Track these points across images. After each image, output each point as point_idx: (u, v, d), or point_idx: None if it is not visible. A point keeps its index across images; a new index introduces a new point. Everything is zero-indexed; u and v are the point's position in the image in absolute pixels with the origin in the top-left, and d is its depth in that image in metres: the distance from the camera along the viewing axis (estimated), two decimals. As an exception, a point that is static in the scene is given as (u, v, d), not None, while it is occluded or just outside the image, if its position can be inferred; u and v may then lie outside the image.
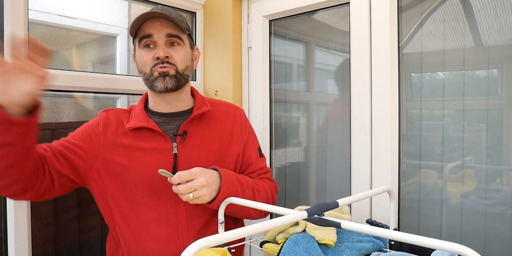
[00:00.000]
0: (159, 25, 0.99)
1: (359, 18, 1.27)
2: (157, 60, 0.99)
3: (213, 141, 1.06)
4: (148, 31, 0.99)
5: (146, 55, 1.00)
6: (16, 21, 1.12)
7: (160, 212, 0.99)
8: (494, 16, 1.07)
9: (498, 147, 1.08)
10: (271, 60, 1.60)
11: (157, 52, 0.99)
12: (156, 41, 1.00)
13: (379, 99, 1.22)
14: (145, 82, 1.04)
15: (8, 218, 1.12)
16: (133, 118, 1.04)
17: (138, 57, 1.03)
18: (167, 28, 1.00)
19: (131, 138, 1.01)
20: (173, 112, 1.07)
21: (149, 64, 1.00)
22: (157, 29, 0.99)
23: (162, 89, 1.00)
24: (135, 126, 1.01)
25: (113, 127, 1.03)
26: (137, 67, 1.07)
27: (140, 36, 1.00)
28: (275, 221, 0.61)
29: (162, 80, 0.99)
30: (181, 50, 1.02)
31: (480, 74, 1.11)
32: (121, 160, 0.99)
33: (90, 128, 1.03)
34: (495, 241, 1.07)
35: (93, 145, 1.00)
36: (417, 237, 0.57)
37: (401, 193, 1.23)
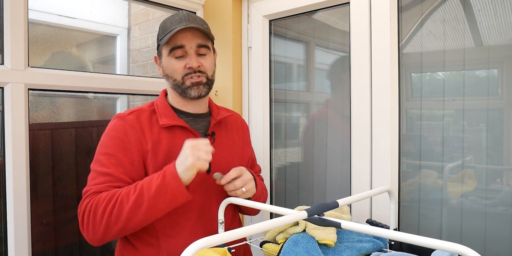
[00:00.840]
0: (190, 35, 1.03)
1: (359, 18, 1.27)
2: (189, 69, 1.04)
3: (233, 143, 1.17)
4: (180, 42, 1.03)
5: (178, 64, 1.05)
6: (16, 21, 1.12)
7: (198, 208, 1.04)
8: (494, 16, 1.07)
9: (498, 147, 1.08)
10: (271, 60, 1.60)
11: (190, 62, 1.04)
12: (188, 51, 1.04)
13: (379, 99, 1.22)
14: (175, 88, 1.08)
15: (8, 218, 1.12)
16: (162, 115, 1.06)
17: (168, 64, 1.06)
18: (197, 39, 1.05)
19: (168, 136, 1.04)
20: (198, 113, 1.12)
21: (180, 72, 1.05)
22: (188, 40, 1.03)
23: (196, 97, 1.07)
24: (170, 124, 1.04)
25: (148, 126, 1.04)
26: (161, 71, 1.11)
27: (172, 46, 1.03)
28: (275, 221, 0.61)
29: (196, 89, 1.06)
30: (209, 58, 1.09)
31: (480, 74, 1.11)
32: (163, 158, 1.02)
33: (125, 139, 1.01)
34: (495, 241, 1.07)
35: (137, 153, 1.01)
36: (417, 237, 0.57)
37: (401, 193, 1.23)
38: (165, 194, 0.90)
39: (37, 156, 1.25)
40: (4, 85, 1.11)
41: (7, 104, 1.12)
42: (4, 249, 1.13)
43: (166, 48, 1.05)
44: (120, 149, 1.00)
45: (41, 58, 1.33)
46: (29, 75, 1.15)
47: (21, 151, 1.13)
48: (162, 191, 0.90)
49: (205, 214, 1.05)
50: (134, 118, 1.04)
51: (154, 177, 0.93)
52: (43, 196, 1.26)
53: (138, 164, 1.00)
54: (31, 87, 1.17)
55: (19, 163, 1.13)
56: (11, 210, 1.11)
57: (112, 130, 1.03)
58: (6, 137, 1.12)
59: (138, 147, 1.00)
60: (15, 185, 1.12)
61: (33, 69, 1.17)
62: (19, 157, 1.13)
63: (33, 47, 1.27)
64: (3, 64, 1.12)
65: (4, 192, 1.12)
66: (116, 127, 1.03)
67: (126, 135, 1.01)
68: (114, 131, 1.02)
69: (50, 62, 1.35)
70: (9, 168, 1.11)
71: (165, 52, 1.06)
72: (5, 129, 1.12)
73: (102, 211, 0.91)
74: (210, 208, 1.06)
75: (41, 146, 1.27)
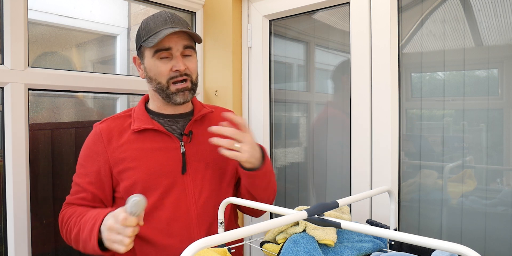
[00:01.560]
0: (176, 37, 1.02)
1: (359, 18, 1.27)
2: (176, 72, 1.02)
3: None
4: (167, 44, 1.01)
5: (163, 66, 1.02)
6: (16, 21, 1.12)
7: (171, 210, 1.02)
8: (494, 16, 1.07)
9: (498, 147, 1.08)
10: (271, 60, 1.60)
11: (177, 65, 1.02)
12: (174, 53, 1.02)
13: (379, 99, 1.22)
14: (159, 92, 1.05)
15: (8, 218, 1.12)
16: (136, 120, 1.06)
17: (153, 66, 1.04)
18: (183, 40, 1.03)
19: (138, 140, 1.04)
20: (176, 114, 1.11)
21: (165, 75, 1.03)
22: (174, 42, 1.01)
23: (181, 103, 1.05)
24: (140, 128, 1.03)
25: (117, 134, 1.05)
26: (142, 73, 1.09)
27: (158, 48, 1.01)
28: (275, 221, 0.61)
29: (182, 95, 1.04)
30: (193, 59, 1.07)
31: (480, 74, 1.11)
32: (132, 162, 1.02)
33: (93, 149, 1.05)
34: (495, 241, 1.07)
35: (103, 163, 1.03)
36: (417, 237, 0.57)
37: (401, 193, 1.23)
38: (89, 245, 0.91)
39: (37, 156, 1.25)
40: (4, 85, 1.11)
41: (7, 104, 1.12)
42: (4, 249, 1.13)
43: (150, 49, 1.03)
44: (88, 158, 1.04)
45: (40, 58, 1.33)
46: (29, 75, 1.15)
47: (21, 151, 1.13)
48: (87, 242, 0.91)
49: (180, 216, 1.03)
50: (105, 126, 1.05)
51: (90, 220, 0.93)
52: (43, 197, 1.26)
53: (104, 173, 1.02)
54: (31, 87, 1.17)
55: (19, 163, 1.13)
56: (11, 210, 1.11)
57: (87, 139, 1.08)
58: (6, 137, 1.12)
59: (104, 156, 1.02)
60: (15, 185, 1.12)
61: (33, 69, 1.17)
62: (19, 157, 1.13)
63: (33, 47, 1.27)
64: (3, 64, 1.12)
65: (4, 192, 1.12)
66: (89, 137, 1.07)
67: (94, 144, 1.04)
68: (87, 140, 1.07)
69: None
70: (9, 168, 1.11)
71: (149, 54, 1.03)
72: (5, 129, 1.12)
73: (62, 230, 1.02)
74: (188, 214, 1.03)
75: (41, 146, 1.27)
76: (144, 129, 1.04)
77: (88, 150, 1.05)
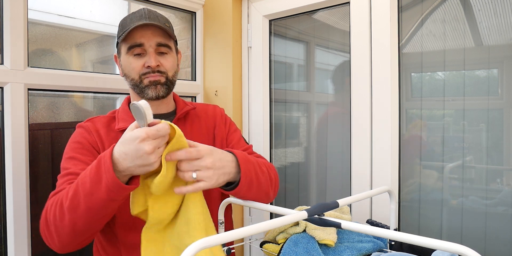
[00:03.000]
0: (150, 34, 1.00)
1: (359, 18, 1.27)
2: (148, 68, 1.01)
3: (200, 136, 1.10)
4: (139, 40, 0.99)
5: (136, 62, 1.01)
6: (15, 21, 1.12)
7: None
8: (494, 15, 1.06)
9: (498, 147, 1.08)
10: (271, 60, 1.60)
11: (149, 61, 1.00)
12: (147, 49, 1.00)
13: (379, 99, 1.22)
14: (133, 88, 1.04)
15: (8, 218, 1.12)
16: (120, 120, 1.05)
17: (126, 62, 1.02)
18: (157, 37, 1.01)
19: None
20: (158, 114, 1.08)
21: (138, 71, 1.01)
22: (147, 38, 0.99)
23: (154, 97, 1.02)
24: (124, 127, 1.00)
25: (104, 133, 1.03)
26: (120, 71, 1.07)
27: (130, 44, 1.00)
28: (275, 221, 0.61)
29: (154, 89, 1.02)
30: (169, 57, 1.05)
31: (480, 74, 1.11)
32: None
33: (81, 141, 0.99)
34: (496, 241, 1.07)
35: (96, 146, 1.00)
36: (417, 237, 0.56)
37: (402, 193, 1.23)
38: (99, 189, 0.74)
39: (36, 156, 1.25)
40: (3, 85, 1.11)
41: (6, 104, 1.12)
42: (4, 249, 1.12)
43: (124, 46, 1.01)
44: (79, 151, 0.98)
45: (39, 58, 1.33)
46: (28, 75, 1.15)
47: (20, 151, 1.13)
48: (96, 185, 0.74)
49: None
50: (91, 124, 1.03)
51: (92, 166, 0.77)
52: (43, 197, 1.26)
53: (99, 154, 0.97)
54: (31, 87, 1.17)
55: (19, 163, 1.13)
56: (11, 210, 1.11)
57: (72, 138, 1.03)
58: (5, 137, 1.12)
59: (96, 149, 0.99)
60: (14, 185, 1.11)
61: (32, 69, 1.17)
62: (19, 157, 1.13)
63: (33, 47, 1.27)
64: (2, 64, 1.12)
65: (4, 192, 1.12)
66: (75, 135, 1.03)
67: (84, 138, 1.00)
68: (73, 138, 1.02)
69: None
70: (8, 168, 1.11)
71: (124, 50, 1.02)
72: (4, 129, 1.12)
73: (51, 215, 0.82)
74: None
75: (41, 146, 1.27)
76: None
77: (77, 144, 0.99)
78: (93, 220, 0.79)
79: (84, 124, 1.04)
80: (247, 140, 1.64)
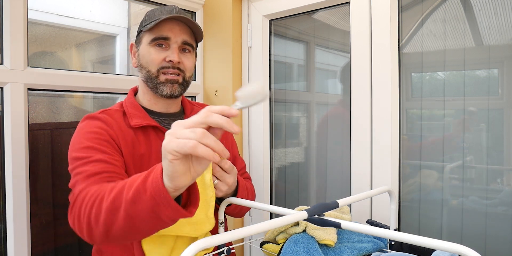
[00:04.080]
0: (178, 30, 0.98)
1: (359, 18, 1.27)
2: (168, 63, 0.98)
3: None
4: (166, 34, 0.97)
5: (156, 54, 0.97)
6: (15, 21, 1.12)
7: None
8: (495, 15, 1.06)
9: (498, 147, 1.08)
10: (271, 60, 1.59)
11: (171, 56, 0.97)
12: (171, 44, 0.98)
13: (379, 99, 1.22)
14: (147, 81, 1.00)
15: (8, 218, 1.11)
16: (133, 116, 0.98)
17: (146, 53, 0.99)
18: (185, 35, 0.99)
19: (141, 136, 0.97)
20: (170, 113, 1.06)
21: (157, 63, 0.98)
22: (175, 33, 0.97)
23: (168, 95, 0.99)
24: (141, 124, 0.96)
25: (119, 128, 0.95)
26: (135, 61, 1.03)
27: (156, 35, 0.97)
28: (276, 221, 0.61)
29: (170, 87, 0.98)
30: (191, 58, 1.03)
31: (481, 74, 1.11)
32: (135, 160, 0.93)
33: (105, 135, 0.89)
34: (496, 242, 1.07)
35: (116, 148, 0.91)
36: (417, 238, 0.56)
37: (402, 193, 1.23)
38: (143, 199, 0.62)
39: (36, 156, 1.24)
40: (3, 85, 1.11)
41: (6, 104, 1.11)
42: (3, 249, 1.12)
43: (148, 36, 0.98)
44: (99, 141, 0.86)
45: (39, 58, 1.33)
46: (28, 75, 1.15)
47: (20, 151, 1.13)
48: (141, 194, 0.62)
49: None
50: (108, 117, 0.94)
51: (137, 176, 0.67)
52: (42, 197, 1.26)
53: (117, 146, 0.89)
54: (31, 87, 1.17)
55: (19, 163, 1.12)
56: (11, 211, 1.11)
57: (83, 128, 0.91)
58: (5, 137, 1.12)
59: (118, 145, 0.90)
60: (14, 185, 1.11)
61: (32, 69, 1.17)
62: (19, 157, 1.13)
63: (33, 47, 1.27)
64: (2, 64, 1.12)
65: (4, 192, 1.12)
66: (89, 125, 0.91)
67: (102, 129, 0.89)
68: (88, 128, 0.90)
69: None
70: (8, 168, 1.11)
71: (146, 40, 0.98)
72: (4, 129, 1.12)
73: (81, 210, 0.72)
74: None
75: (41, 146, 1.27)
76: (145, 126, 0.97)
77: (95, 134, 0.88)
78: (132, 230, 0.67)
79: (100, 116, 0.94)
80: (248, 140, 1.64)
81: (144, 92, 1.04)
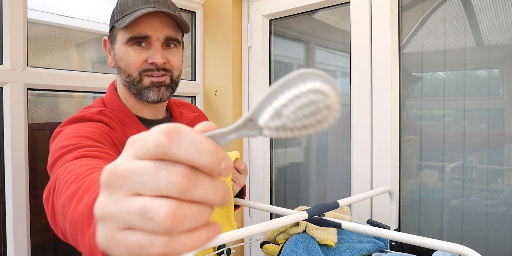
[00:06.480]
0: (158, 23, 0.82)
1: (359, 18, 1.27)
2: (152, 65, 0.84)
3: None
4: (144, 31, 0.82)
5: (136, 56, 0.83)
6: (15, 21, 1.12)
7: None
8: (495, 15, 1.06)
9: (499, 147, 1.07)
10: (271, 59, 1.59)
11: (154, 57, 0.83)
12: (152, 43, 0.84)
13: (379, 99, 1.22)
14: (129, 87, 0.86)
15: (7, 218, 1.11)
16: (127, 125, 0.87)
17: (122, 53, 0.84)
18: (166, 28, 0.84)
19: None
20: (159, 119, 0.95)
21: (137, 66, 0.84)
22: (155, 29, 0.82)
23: (155, 101, 0.86)
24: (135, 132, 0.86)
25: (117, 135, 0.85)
26: (111, 60, 0.89)
27: (133, 35, 0.82)
28: (276, 222, 0.61)
29: (156, 91, 0.85)
30: (177, 53, 0.89)
31: (481, 74, 1.10)
32: None
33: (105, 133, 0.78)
34: (496, 242, 1.07)
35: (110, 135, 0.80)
36: (418, 238, 0.56)
37: (402, 194, 1.23)
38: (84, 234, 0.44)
39: (36, 156, 1.24)
40: (3, 85, 1.11)
41: (6, 104, 1.11)
42: (3, 249, 1.12)
43: (123, 34, 0.82)
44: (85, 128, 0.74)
45: (39, 57, 1.33)
46: (28, 75, 1.15)
47: (20, 151, 1.13)
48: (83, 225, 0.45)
49: None
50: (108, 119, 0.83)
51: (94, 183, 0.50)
52: (42, 196, 1.26)
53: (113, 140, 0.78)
54: (30, 87, 1.17)
55: (18, 163, 1.12)
56: (10, 211, 1.11)
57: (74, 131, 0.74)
58: (5, 137, 1.12)
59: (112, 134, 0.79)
60: (14, 185, 1.11)
61: (32, 69, 1.17)
62: (18, 157, 1.12)
63: (32, 46, 1.27)
64: (2, 64, 1.12)
65: (3, 192, 1.12)
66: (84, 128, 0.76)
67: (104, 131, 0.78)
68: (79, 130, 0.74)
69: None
70: (8, 168, 1.11)
71: (122, 39, 0.83)
72: (4, 129, 1.12)
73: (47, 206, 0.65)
74: None
75: (40, 146, 1.26)
76: None
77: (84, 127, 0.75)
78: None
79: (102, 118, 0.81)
80: (248, 140, 1.63)
81: (126, 97, 0.91)
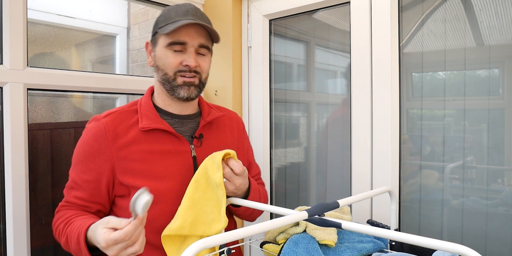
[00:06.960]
0: (194, 32, 0.98)
1: (359, 18, 1.27)
2: (185, 67, 0.99)
3: (225, 144, 1.10)
4: (183, 39, 0.97)
5: (174, 58, 0.99)
6: (15, 21, 1.12)
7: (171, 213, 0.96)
8: (495, 15, 1.06)
9: (499, 147, 1.07)
10: (271, 59, 1.59)
11: (188, 60, 0.98)
12: (187, 48, 0.99)
13: (379, 99, 1.22)
14: (163, 83, 1.01)
15: (7, 218, 1.11)
16: (144, 117, 1.00)
17: (163, 55, 1.00)
18: (201, 37, 0.99)
19: (146, 140, 0.98)
20: (185, 115, 1.07)
21: (174, 67, 0.99)
22: (191, 37, 0.98)
23: (185, 98, 1.01)
24: (149, 127, 0.97)
25: (123, 131, 0.98)
26: (150, 60, 1.05)
27: (173, 40, 0.97)
28: (276, 222, 0.61)
29: (187, 89, 1.00)
30: (207, 59, 1.04)
31: (481, 74, 1.10)
32: (139, 165, 0.96)
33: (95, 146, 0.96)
34: (496, 242, 1.07)
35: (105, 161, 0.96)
36: (418, 238, 0.56)
37: (402, 194, 1.23)
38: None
39: (36, 156, 1.24)
40: (3, 85, 1.11)
41: (6, 104, 1.11)
42: (3, 249, 1.12)
43: (165, 39, 0.98)
44: (88, 155, 0.97)
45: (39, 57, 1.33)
46: (28, 75, 1.15)
47: (20, 151, 1.13)
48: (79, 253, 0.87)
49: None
50: (110, 120, 0.98)
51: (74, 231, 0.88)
52: (42, 197, 1.26)
53: (106, 173, 0.96)
54: (30, 87, 1.17)
55: (18, 163, 1.12)
56: (10, 211, 1.11)
57: (87, 132, 1.00)
58: (5, 137, 1.11)
59: (108, 154, 0.96)
60: (14, 185, 1.11)
61: (32, 69, 1.17)
62: (18, 157, 1.12)
63: (32, 46, 1.27)
64: (2, 64, 1.12)
65: (3, 192, 1.12)
66: (89, 130, 0.99)
67: (96, 141, 0.96)
68: (87, 134, 0.99)
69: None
70: (8, 168, 1.11)
71: (163, 43, 0.99)
72: (4, 129, 1.12)
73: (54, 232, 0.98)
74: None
75: (40, 146, 1.26)
76: (153, 129, 0.98)
77: (89, 146, 0.97)
78: None
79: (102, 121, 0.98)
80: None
81: (159, 93, 1.05)
